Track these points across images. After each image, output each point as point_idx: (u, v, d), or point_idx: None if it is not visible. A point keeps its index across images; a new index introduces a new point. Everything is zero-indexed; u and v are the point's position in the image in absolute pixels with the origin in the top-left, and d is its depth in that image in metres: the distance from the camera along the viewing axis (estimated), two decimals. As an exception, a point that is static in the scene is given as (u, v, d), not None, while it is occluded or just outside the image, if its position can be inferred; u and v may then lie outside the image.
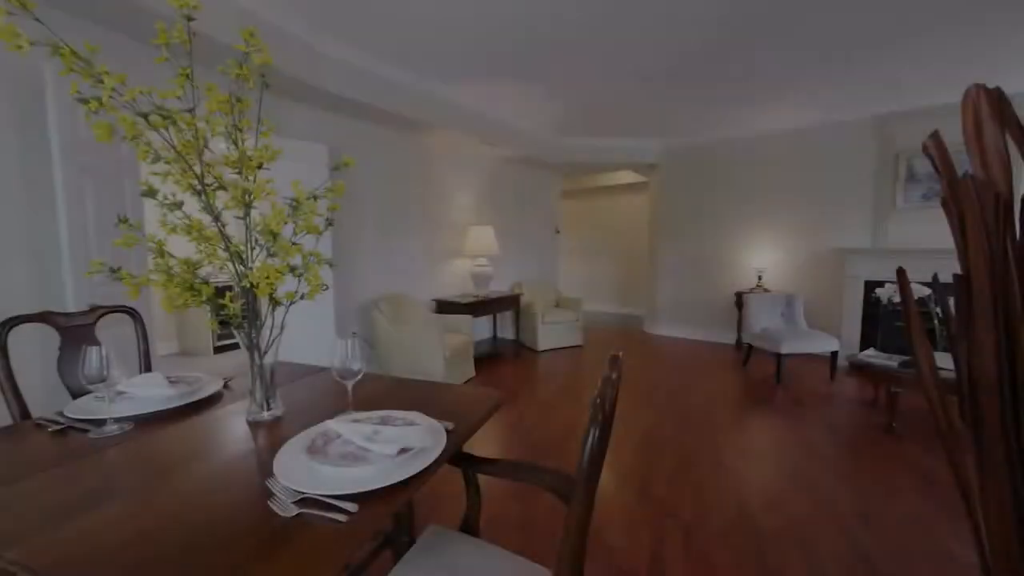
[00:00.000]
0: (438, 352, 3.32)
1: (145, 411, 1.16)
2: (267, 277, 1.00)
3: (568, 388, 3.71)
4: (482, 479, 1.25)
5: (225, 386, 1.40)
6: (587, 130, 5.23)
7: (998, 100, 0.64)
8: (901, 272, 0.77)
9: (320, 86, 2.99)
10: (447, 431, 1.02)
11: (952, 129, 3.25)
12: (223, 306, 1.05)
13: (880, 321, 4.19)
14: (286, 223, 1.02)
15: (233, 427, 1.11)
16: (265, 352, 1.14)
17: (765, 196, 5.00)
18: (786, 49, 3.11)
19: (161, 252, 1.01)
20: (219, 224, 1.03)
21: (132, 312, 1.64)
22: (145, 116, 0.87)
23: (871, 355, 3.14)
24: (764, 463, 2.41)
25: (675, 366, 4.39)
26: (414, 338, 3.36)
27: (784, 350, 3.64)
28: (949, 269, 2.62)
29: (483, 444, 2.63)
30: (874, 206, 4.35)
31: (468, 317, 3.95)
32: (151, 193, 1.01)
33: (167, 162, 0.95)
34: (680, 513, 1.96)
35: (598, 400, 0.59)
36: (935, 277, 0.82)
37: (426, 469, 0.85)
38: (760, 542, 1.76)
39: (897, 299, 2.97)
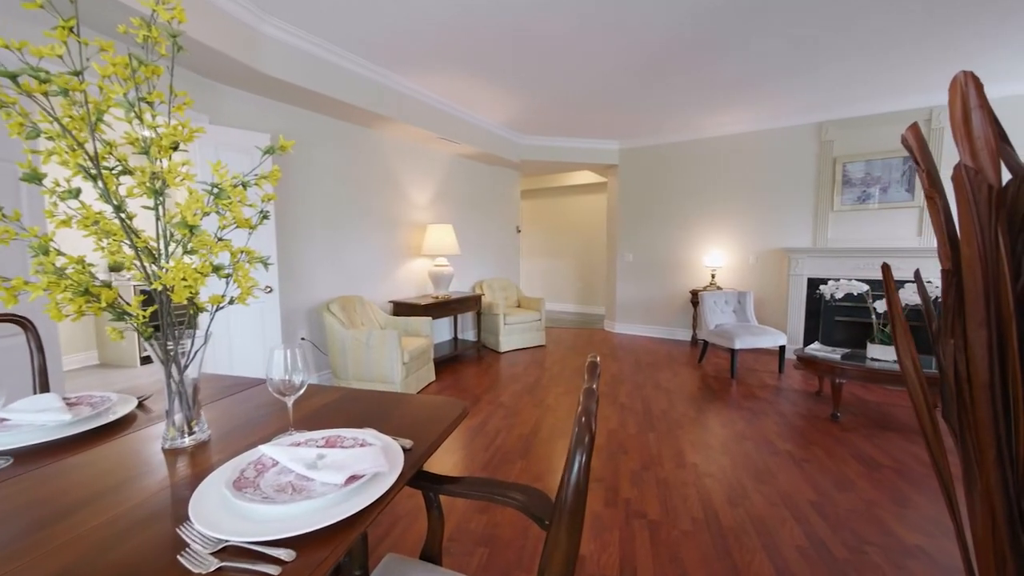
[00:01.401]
0: (396, 357, 3.15)
1: (30, 442, 0.95)
2: (183, 278, 0.83)
3: (532, 390, 3.65)
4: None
5: (140, 406, 1.20)
6: (547, 129, 5.21)
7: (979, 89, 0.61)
8: (886, 268, 0.75)
9: (263, 71, 2.74)
10: (405, 450, 0.91)
11: (884, 138, 3.49)
12: (128, 313, 0.87)
13: (822, 316, 4.47)
14: (207, 214, 0.86)
15: (145, 458, 0.93)
16: (186, 366, 0.97)
17: (717, 197, 5.19)
18: (737, 59, 3.21)
19: (45, 249, 0.82)
20: (122, 215, 0.86)
21: (23, 321, 1.38)
22: (12, 77, 0.69)
23: (816, 349, 3.30)
24: (725, 457, 2.46)
25: (636, 363, 4.45)
26: (370, 342, 3.17)
27: (738, 346, 3.77)
28: (877, 267, 2.80)
29: (444, 454, 2.51)
30: (815, 208, 4.62)
31: (427, 319, 3.80)
32: (35, 177, 0.82)
33: (49, 138, 0.77)
34: (648, 513, 1.93)
35: (583, 418, 0.50)
36: (917, 272, 0.82)
37: (380, 499, 0.73)
38: (725, 538, 1.77)
39: (839, 295, 3.15)
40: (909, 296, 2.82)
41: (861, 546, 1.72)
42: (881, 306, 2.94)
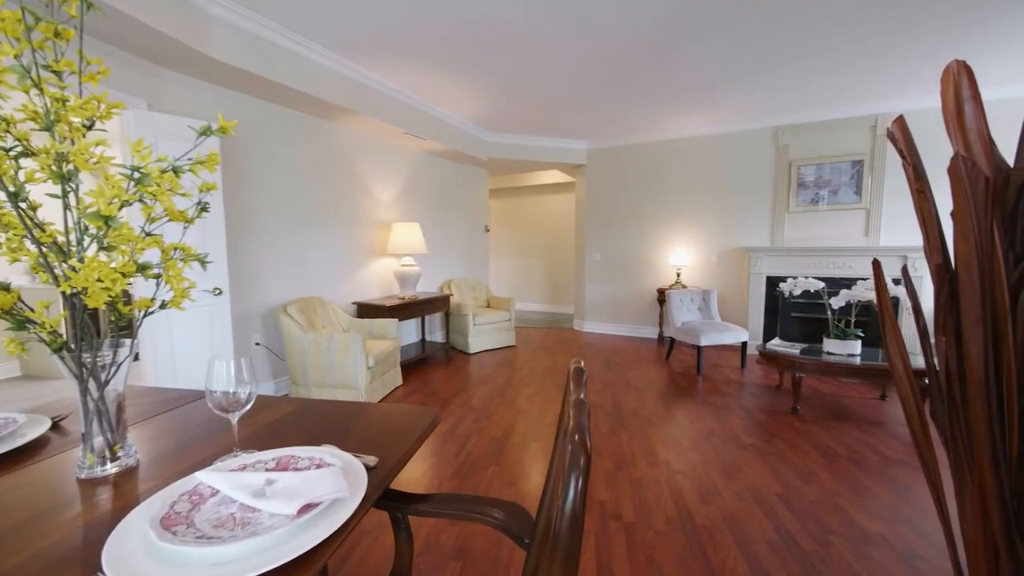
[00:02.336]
0: (360, 361, 3.00)
1: (-96, 478, 0.79)
2: (99, 279, 0.71)
3: (503, 391, 3.59)
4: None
5: (54, 427, 1.04)
6: (516, 127, 5.16)
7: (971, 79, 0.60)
8: (876, 264, 0.73)
9: (211, 54, 2.53)
10: (369, 468, 0.82)
11: (833, 142, 3.66)
12: (31, 321, 0.73)
13: (780, 313, 4.65)
14: (127, 203, 0.74)
15: (55, 491, 0.79)
16: (106, 382, 0.83)
17: (681, 198, 5.32)
18: (698, 60, 3.28)
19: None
20: (21, 205, 0.72)
21: (-94, 331, 1.17)
22: None
23: (777, 344, 3.42)
24: (695, 454, 2.48)
25: (606, 362, 4.48)
26: (332, 346, 3.00)
27: (703, 342, 3.86)
28: (832, 267, 2.92)
29: (411, 463, 2.40)
30: (772, 209, 4.81)
31: (393, 321, 3.65)
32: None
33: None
34: (623, 515, 1.91)
35: (576, 435, 0.44)
36: (904, 268, 0.81)
37: (340, 529, 0.64)
38: (699, 536, 1.77)
39: (797, 292, 3.27)
40: (862, 293, 2.97)
41: (826, 536, 1.77)
42: (836, 302, 3.08)
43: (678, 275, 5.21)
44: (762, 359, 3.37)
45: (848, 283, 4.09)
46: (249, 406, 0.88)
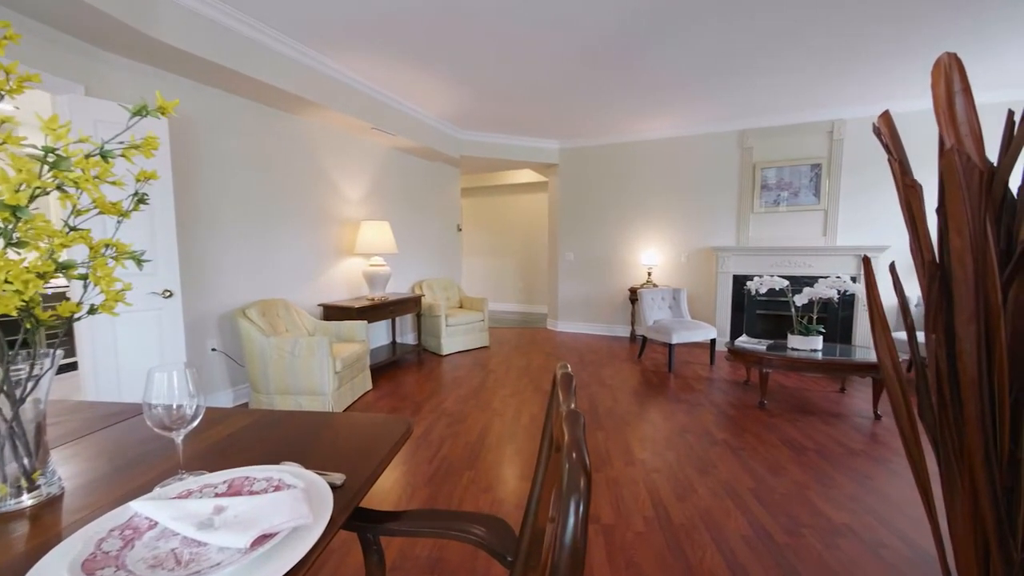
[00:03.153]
0: (326, 365, 2.86)
1: None
2: (7, 280, 0.60)
3: (477, 393, 3.52)
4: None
5: (-38, 453, 0.89)
6: (488, 125, 5.10)
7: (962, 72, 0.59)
8: (867, 261, 0.72)
9: (159, 38, 2.34)
10: (335, 488, 0.74)
11: (794, 146, 3.81)
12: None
13: (746, 311, 4.80)
14: (43, 192, 0.63)
15: (-46, 530, 0.67)
16: (22, 399, 0.72)
17: (652, 198, 5.41)
18: (671, 59, 3.32)
19: None
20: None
21: None
22: None
23: (744, 341, 3.52)
24: (670, 451, 2.50)
25: (580, 361, 4.48)
26: (296, 351, 2.85)
27: (675, 340, 3.92)
28: (794, 265, 3.03)
29: (382, 474, 2.29)
30: (737, 209, 4.97)
31: (362, 323, 3.51)
32: None
33: None
34: (601, 517, 1.89)
35: (573, 453, 0.39)
36: (892, 265, 0.81)
37: (302, 561, 0.56)
38: (677, 535, 1.77)
39: (763, 290, 3.38)
40: (823, 291, 3.08)
41: (798, 529, 1.81)
42: (799, 300, 3.19)
43: (649, 274, 5.29)
44: (731, 356, 3.46)
45: (808, 281, 4.26)
46: (196, 422, 0.79)
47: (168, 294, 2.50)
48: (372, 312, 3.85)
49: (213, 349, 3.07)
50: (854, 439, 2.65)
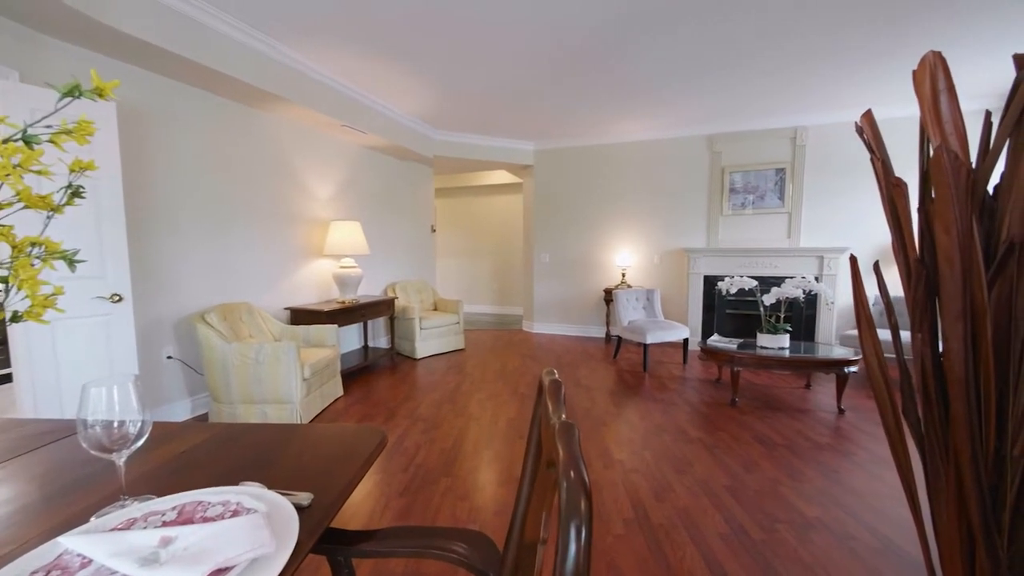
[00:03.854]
0: (294, 372, 2.72)
1: None
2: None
3: (453, 398, 3.45)
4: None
5: None
6: (463, 125, 5.04)
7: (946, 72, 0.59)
8: (853, 260, 0.72)
9: (106, 22, 2.17)
10: (301, 509, 0.68)
11: (760, 151, 3.94)
12: None
13: (716, 310, 4.93)
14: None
15: None
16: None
17: (625, 200, 5.48)
18: (644, 68, 3.37)
19: None
20: None
21: None
22: None
23: (716, 340, 3.60)
24: (647, 451, 2.51)
25: (556, 363, 4.48)
26: (260, 357, 2.70)
27: (649, 340, 3.97)
28: (761, 266, 3.13)
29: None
30: (707, 212, 5.10)
31: (332, 327, 3.38)
32: None
33: None
34: (581, 521, 1.86)
35: (571, 472, 0.35)
36: (876, 264, 0.81)
37: (262, 598, 0.50)
38: (656, 536, 1.76)
39: (734, 290, 3.46)
40: (790, 290, 3.19)
41: (772, 525, 1.84)
42: (767, 299, 3.29)
43: (623, 275, 5.35)
44: (704, 355, 3.53)
45: (774, 281, 4.41)
46: (142, 441, 0.70)
47: (117, 299, 2.32)
48: (343, 315, 3.71)
49: (169, 357, 2.87)
50: (821, 433, 2.74)
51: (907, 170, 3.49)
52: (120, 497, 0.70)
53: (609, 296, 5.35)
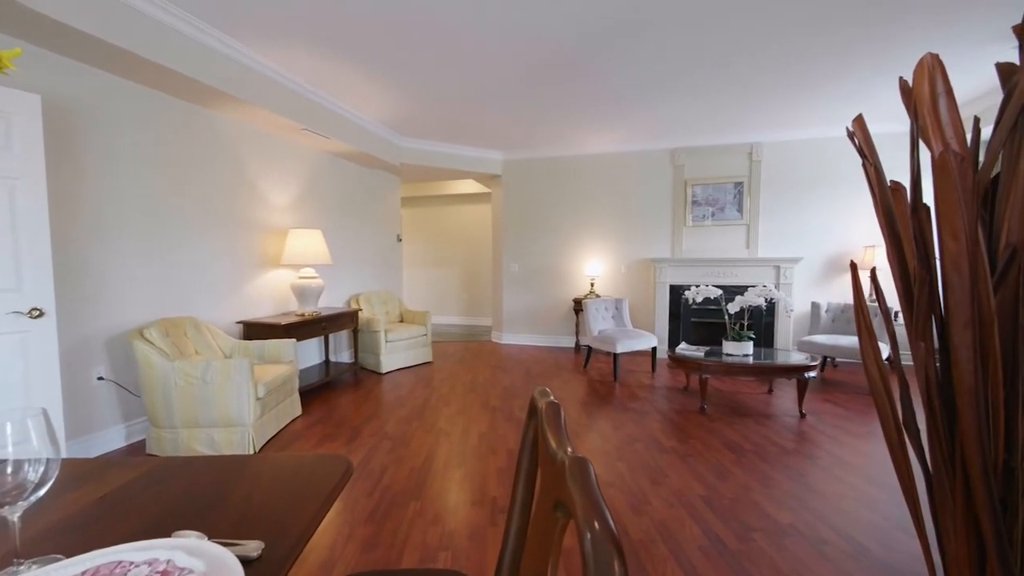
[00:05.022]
0: (246, 392, 2.51)
1: None
2: None
3: (421, 413, 3.30)
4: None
5: None
6: (430, 133, 4.96)
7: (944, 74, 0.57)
8: (853, 266, 0.69)
9: (29, 5, 1.94)
10: (249, 562, 0.57)
11: (719, 166, 4.09)
12: None
13: (682, 319, 5.04)
14: None
15: None
16: None
17: (593, 211, 5.55)
18: (610, 82, 3.43)
19: None
20: None
21: None
22: None
23: (684, 348, 3.66)
24: (621, 463, 2.48)
25: (527, 374, 4.41)
26: (208, 376, 2.47)
27: (619, 349, 3.99)
28: (722, 276, 3.24)
29: (317, 508, 2.02)
30: (672, 223, 5.24)
31: (290, 341, 3.17)
32: None
33: None
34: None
35: (595, 523, 0.27)
36: (873, 271, 0.81)
37: None
38: (637, 552, 1.72)
39: (699, 299, 3.54)
40: (753, 299, 3.29)
41: (748, 534, 1.83)
42: (732, 307, 3.38)
43: (592, 285, 5.39)
44: (672, 363, 3.57)
45: (735, 290, 4.56)
46: (44, 490, 0.57)
47: (37, 313, 2.05)
48: (302, 329, 3.49)
49: (100, 378, 2.58)
50: (786, 438, 2.81)
51: (857, 191, 3.66)
52: (12, 562, 0.57)
53: (578, 306, 5.37)
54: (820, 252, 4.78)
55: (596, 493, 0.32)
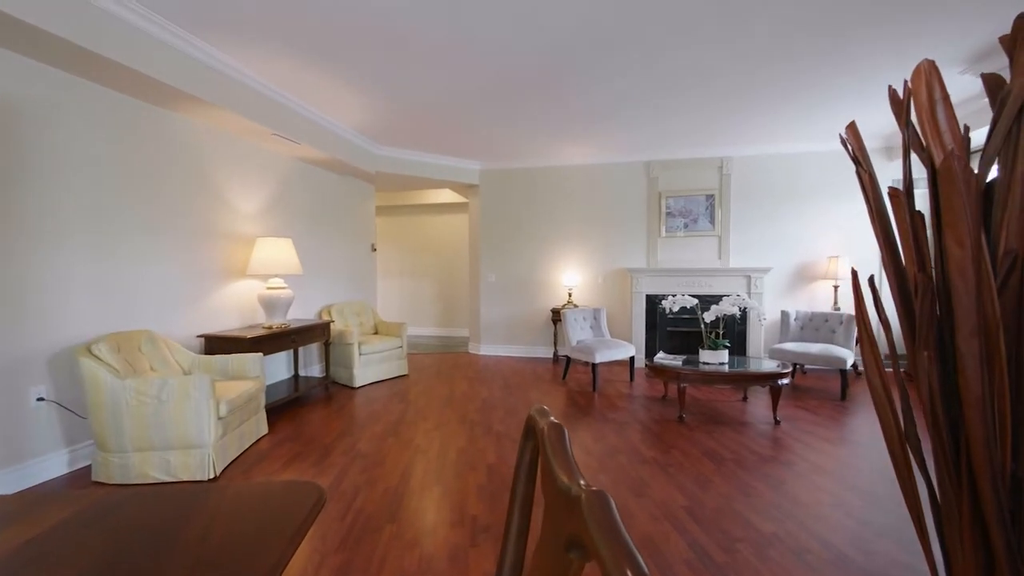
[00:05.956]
0: (206, 410, 2.34)
1: None
2: None
3: (396, 429, 3.17)
4: None
5: None
6: (407, 142, 4.89)
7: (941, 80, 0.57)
8: (855, 274, 0.68)
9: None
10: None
11: (691, 178, 4.19)
12: None
13: (658, 328, 5.10)
14: None
15: None
16: None
17: (570, 221, 5.59)
18: (592, 92, 3.48)
19: None
20: None
21: None
22: None
23: (662, 357, 3.68)
24: (604, 475, 2.44)
25: (505, 386, 4.34)
26: (164, 395, 2.29)
27: (598, 360, 3.98)
28: (696, 285, 3.29)
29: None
30: (647, 234, 5.33)
31: (256, 355, 3.00)
32: None
33: None
34: (543, 561, 1.72)
35: (629, 573, 0.23)
36: (871, 279, 0.80)
37: None
38: (623, 570, 1.67)
39: (676, 308, 3.58)
40: (727, 308, 3.35)
41: (732, 545, 1.82)
42: (708, 316, 3.43)
43: (570, 295, 5.40)
44: (651, 372, 3.59)
45: (709, 299, 4.65)
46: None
47: (-35, 329, 1.85)
48: (269, 342, 3.32)
49: (40, 399, 2.35)
50: (763, 446, 2.84)
51: (820, 204, 3.81)
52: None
53: (557, 316, 5.36)
54: (788, 262, 4.96)
55: (625, 536, 0.28)
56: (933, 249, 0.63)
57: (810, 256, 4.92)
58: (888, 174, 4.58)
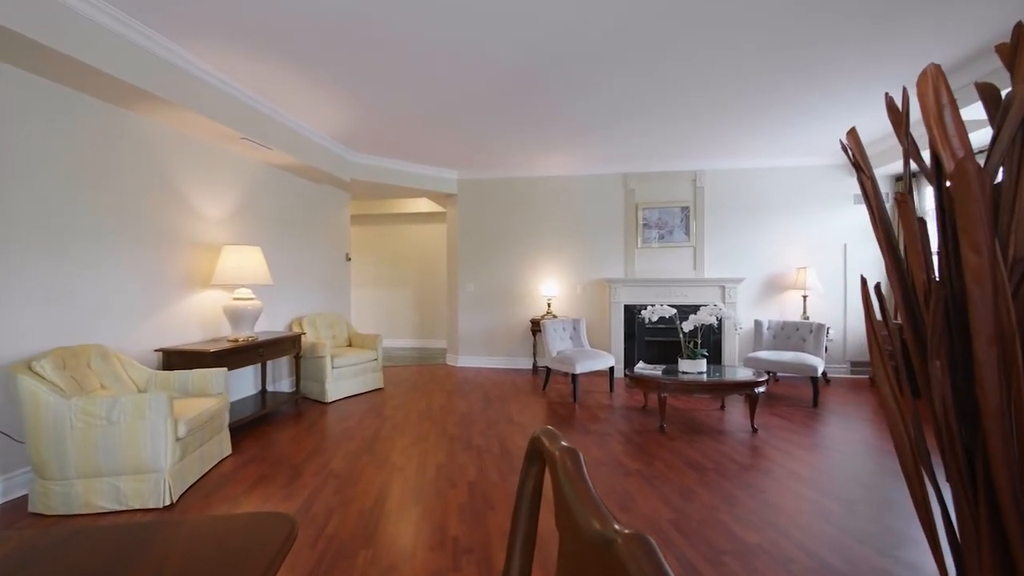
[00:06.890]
0: (163, 431, 2.16)
1: None
2: None
3: (371, 447, 3.04)
4: None
5: None
6: (383, 149, 4.81)
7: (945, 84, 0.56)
8: (864, 282, 0.66)
9: None
10: None
11: (667, 191, 4.27)
12: None
13: (637, 338, 5.13)
14: None
15: None
16: None
17: (549, 231, 5.60)
18: (564, 106, 3.51)
19: None
20: None
21: None
22: None
23: (642, 367, 3.69)
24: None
25: (485, 398, 4.25)
26: (114, 415, 2.10)
27: (578, 370, 3.96)
28: (673, 295, 3.31)
29: None
30: (624, 244, 5.39)
31: (220, 370, 2.81)
32: None
33: None
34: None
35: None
36: (863, 281, 0.79)
37: None
38: (611, 590, 1.61)
39: (655, 318, 3.61)
40: (705, 317, 3.40)
41: (719, 558, 1.79)
42: (687, 326, 3.47)
43: (549, 305, 5.38)
44: (631, 382, 3.58)
45: (685, 309, 4.73)
46: None
47: None
48: (235, 357, 3.13)
49: (-31, 422, 2.11)
50: (742, 454, 2.86)
51: (789, 217, 3.94)
52: None
53: (536, 326, 5.32)
54: (759, 273, 5.11)
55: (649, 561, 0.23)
56: (936, 256, 0.62)
57: (780, 267, 5.08)
58: (851, 189, 4.82)
